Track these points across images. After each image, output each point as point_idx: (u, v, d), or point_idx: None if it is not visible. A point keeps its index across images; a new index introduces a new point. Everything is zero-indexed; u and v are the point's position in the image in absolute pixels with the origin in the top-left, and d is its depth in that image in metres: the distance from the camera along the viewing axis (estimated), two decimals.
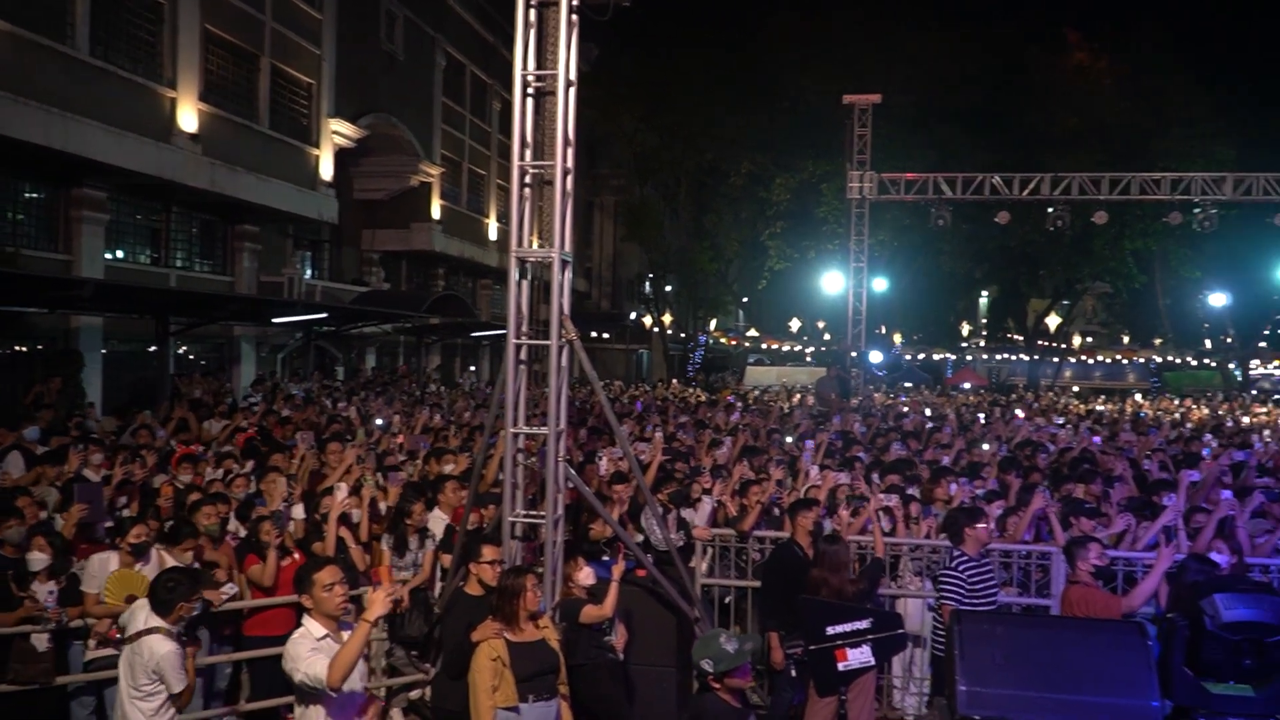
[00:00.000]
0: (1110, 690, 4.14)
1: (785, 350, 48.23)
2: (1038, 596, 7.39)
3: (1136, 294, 40.84)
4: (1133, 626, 4.43)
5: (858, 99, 24.91)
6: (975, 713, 4.11)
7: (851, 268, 25.56)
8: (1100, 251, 33.40)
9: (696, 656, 4.52)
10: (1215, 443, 13.61)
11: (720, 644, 4.46)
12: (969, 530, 6.36)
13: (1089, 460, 11.06)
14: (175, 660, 4.67)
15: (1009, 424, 16.54)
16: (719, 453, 10.88)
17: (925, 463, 10.58)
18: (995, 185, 24.22)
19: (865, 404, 21.27)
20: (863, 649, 3.61)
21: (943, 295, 45.17)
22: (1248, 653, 4.15)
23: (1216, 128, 31.59)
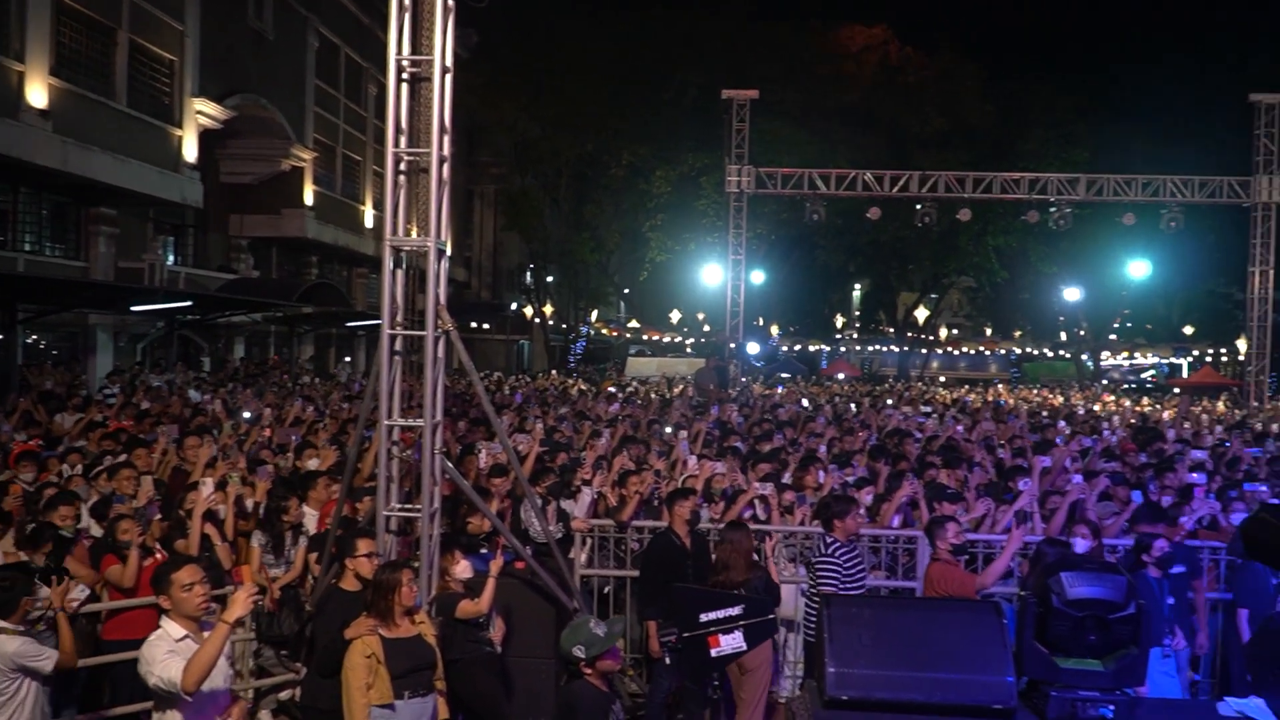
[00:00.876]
0: (969, 667, 4.33)
1: (666, 341, 48.74)
2: (905, 579, 7.67)
3: (998, 288, 42.76)
4: (989, 606, 4.64)
5: (736, 94, 25.32)
6: (843, 693, 4.23)
7: (730, 260, 26.00)
8: (965, 247, 34.83)
9: (567, 645, 4.55)
10: (1068, 429, 14.39)
11: (590, 629, 4.51)
12: (838, 522, 6.54)
13: (953, 448, 11.53)
14: (29, 646, 4.45)
15: (880, 413, 17.09)
16: (599, 444, 10.91)
17: (799, 451, 10.84)
18: (867, 182, 25.01)
19: (743, 395, 21.66)
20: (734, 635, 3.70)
21: (818, 288, 46.45)
22: (1092, 629, 4.38)
23: (1073, 132, 33.36)
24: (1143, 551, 6.52)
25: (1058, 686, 4.39)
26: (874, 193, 25.17)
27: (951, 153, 31.40)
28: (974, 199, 25.28)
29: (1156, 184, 24.66)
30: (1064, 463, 10.27)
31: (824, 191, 25.16)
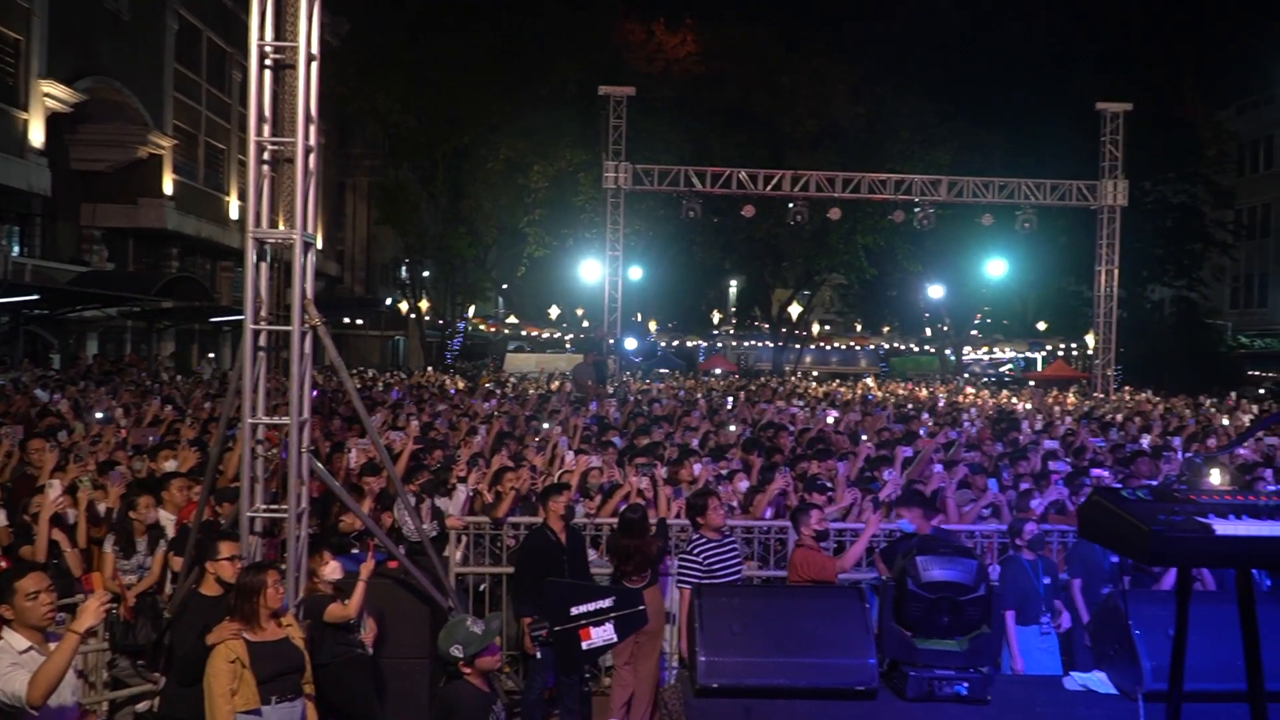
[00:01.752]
0: (833, 650, 4.49)
1: (545, 337, 48.54)
2: (776, 569, 7.87)
3: (868, 286, 44.14)
4: (853, 592, 4.83)
5: (613, 90, 25.42)
6: (713, 681, 4.33)
7: (608, 256, 26.08)
8: (836, 245, 35.80)
9: (444, 644, 4.50)
10: (931, 422, 15.00)
11: (468, 627, 4.48)
12: (701, 519, 6.65)
13: (823, 440, 11.87)
14: None
15: (754, 407, 17.45)
16: (475, 440, 10.80)
17: (675, 445, 10.98)
18: (742, 180, 25.46)
19: (621, 390, 21.79)
20: (605, 627, 3.73)
21: (695, 284, 47.05)
22: (945, 610, 4.61)
23: (936, 135, 34.69)
24: (1015, 535, 6.86)
25: (916, 666, 4.59)
26: (748, 191, 25.66)
27: (823, 153, 32.25)
28: (843, 198, 26.06)
29: (1012, 187, 25.90)
30: (929, 453, 10.70)
31: (700, 189, 25.51)
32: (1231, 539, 2.38)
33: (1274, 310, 44.51)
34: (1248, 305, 46.91)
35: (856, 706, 4.45)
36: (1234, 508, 2.51)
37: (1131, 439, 13.57)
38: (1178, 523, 2.40)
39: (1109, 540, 2.63)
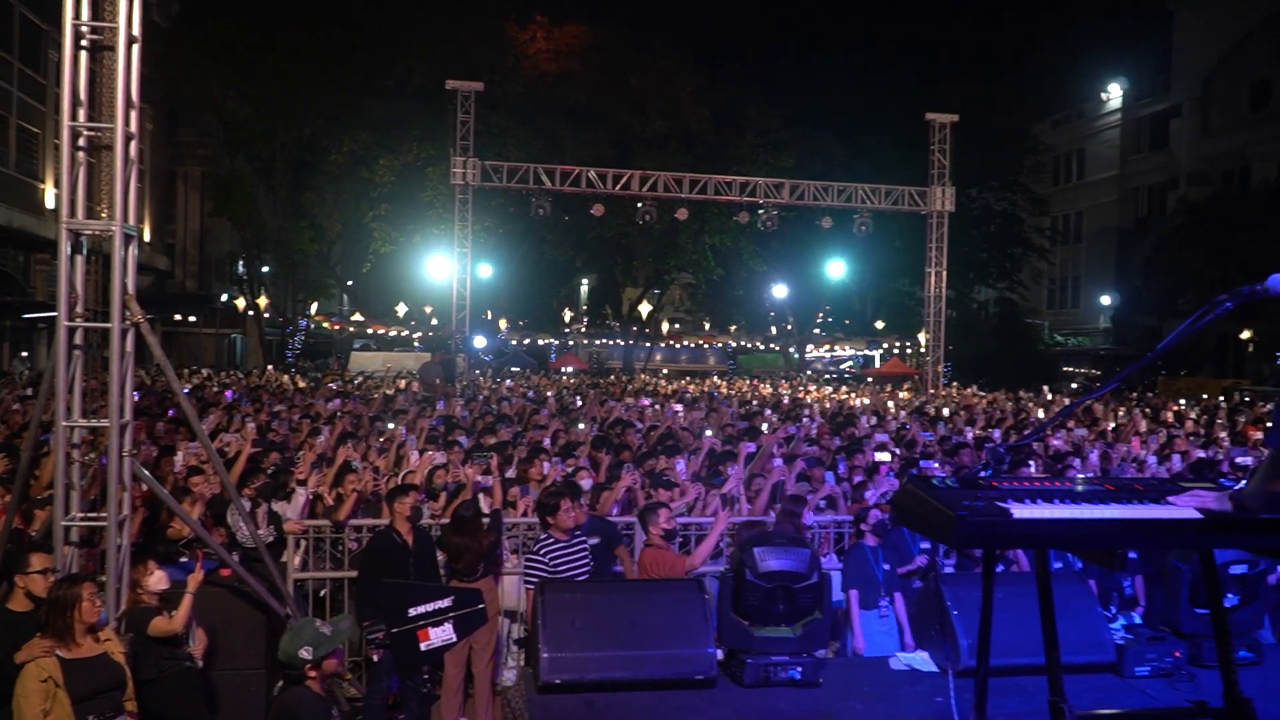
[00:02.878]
0: (673, 642, 4.60)
1: (392, 335, 47.39)
2: None
3: (715, 285, 45.01)
4: (692, 584, 4.96)
5: (461, 85, 25.08)
6: (555, 677, 4.36)
7: (457, 253, 25.73)
8: (684, 245, 36.40)
9: (291, 647, 4.37)
10: (775, 418, 15.47)
11: (316, 629, 4.37)
12: (551, 519, 6.64)
13: (670, 436, 12.08)
14: None
15: (603, 405, 17.58)
16: (318, 441, 10.48)
17: (525, 444, 10.95)
18: (591, 179, 25.58)
19: (470, 388, 21.54)
20: (444, 627, 3.71)
21: (546, 282, 46.90)
22: (781, 599, 4.79)
23: (780, 139, 35.74)
24: (860, 522, 7.16)
25: (753, 654, 4.75)
26: (598, 190, 25.80)
27: (671, 154, 32.72)
28: (690, 199, 26.54)
29: (850, 191, 26.99)
30: (771, 448, 11.04)
31: (549, 187, 25.49)
32: (1027, 521, 2.58)
33: (1086, 311, 48.00)
34: (1063, 306, 50.41)
35: (696, 695, 4.57)
36: (1031, 493, 2.72)
37: (958, 432, 14.38)
38: (980, 508, 2.58)
39: (920, 525, 2.81)
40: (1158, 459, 11.28)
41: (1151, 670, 4.93)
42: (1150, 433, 13.77)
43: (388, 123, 32.77)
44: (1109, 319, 45.06)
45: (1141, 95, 45.74)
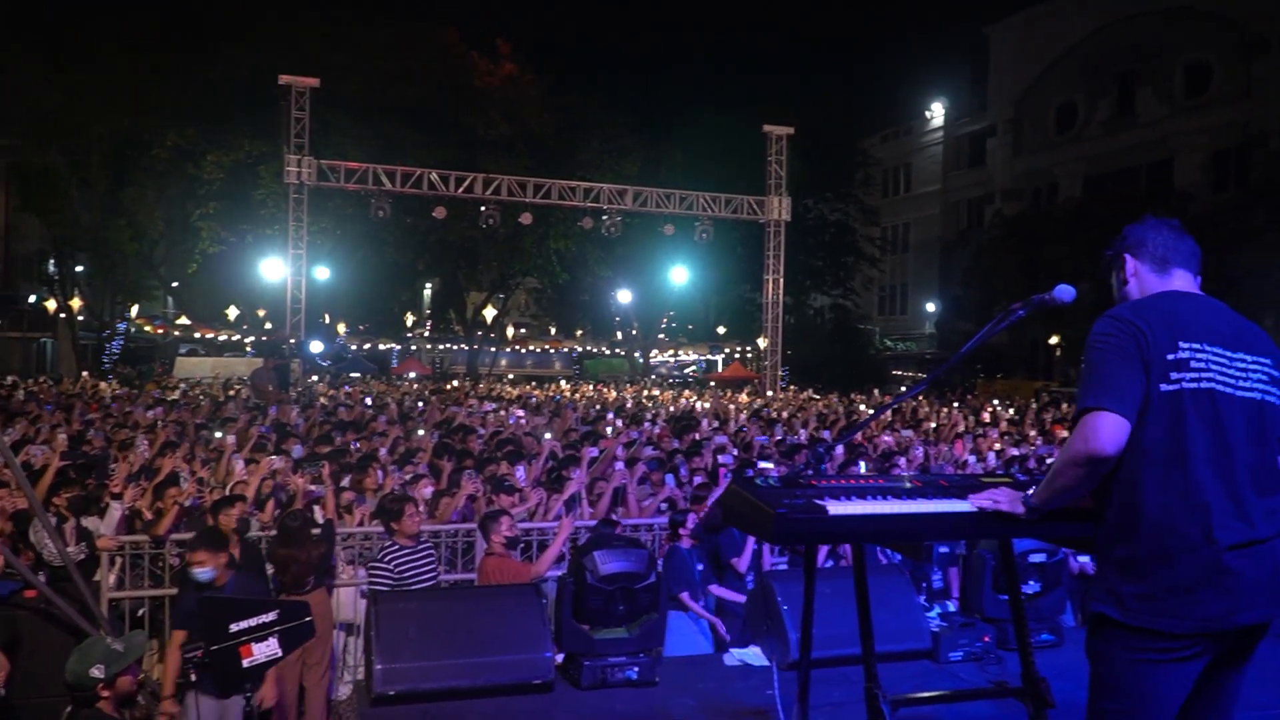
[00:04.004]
0: (511, 648, 4.58)
1: (222, 340, 45.16)
2: (464, 572, 7.87)
3: (561, 290, 45.08)
4: (529, 588, 4.96)
5: (295, 80, 24.23)
6: (389, 689, 4.28)
7: (291, 254, 24.82)
8: (529, 249, 36.28)
9: (81, 666, 4.11)
10: (619, 422, 15.61)
11: (107, 645, 4.13)
12: (395, 524, 6.54)
13: (512, 442, 12.01)
14: None
15: (445, 410, 17.32)
16: (136, 452, 9.91)
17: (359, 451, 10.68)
18: (433, 181, 25.18)
19: (305, 395, 20.81)
20: (269, 642, 3.58)
21: (388, 285, 45.74)
22: (621, 600, 4.86)
23: (624, 146, 36.11)
24: (678, 525, 7.29)
25: (592, 656, 4.79)
26: (440, 192, 25.41)
27: (515, 158, 32.55)
28: (535, 203, 26.49)
29: (691, 199, 27.56)
30: (615, 452, 11.14)
31: (389, 188, 24.93)
32: (843, 518, 2.71)
33: (913, 317, 50.62)
34: (892, 312, 53.01)
35: (534, 700, 4.57)
36: (848, 490, 2.86)
37: (794, 433, 14.89)
38: (799, 505, 2.70)
39: (744, 524, 2.91)
40: (975, 457, 12.01)
41: (963, 655, 5.26)
42: (968, 432, 14.63)
43: (217, 117, 31.23)
44: (934, 325, 47.62)
45: (961, 115, 48.62)
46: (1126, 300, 2.68)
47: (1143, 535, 2.43)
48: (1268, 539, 2.42)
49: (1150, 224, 2.72)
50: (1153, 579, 2.40)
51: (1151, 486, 2.42)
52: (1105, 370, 2.44)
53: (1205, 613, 2.37)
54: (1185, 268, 2.66)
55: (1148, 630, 2.40)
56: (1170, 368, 2.42)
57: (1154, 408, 2.41)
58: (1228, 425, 2.43)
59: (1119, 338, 2.45)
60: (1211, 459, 2.40)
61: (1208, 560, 2.36)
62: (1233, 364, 2.48)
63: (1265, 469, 2.48)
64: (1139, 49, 37.56)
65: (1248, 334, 2.57)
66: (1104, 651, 2.51)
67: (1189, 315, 2.51)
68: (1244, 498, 2.41)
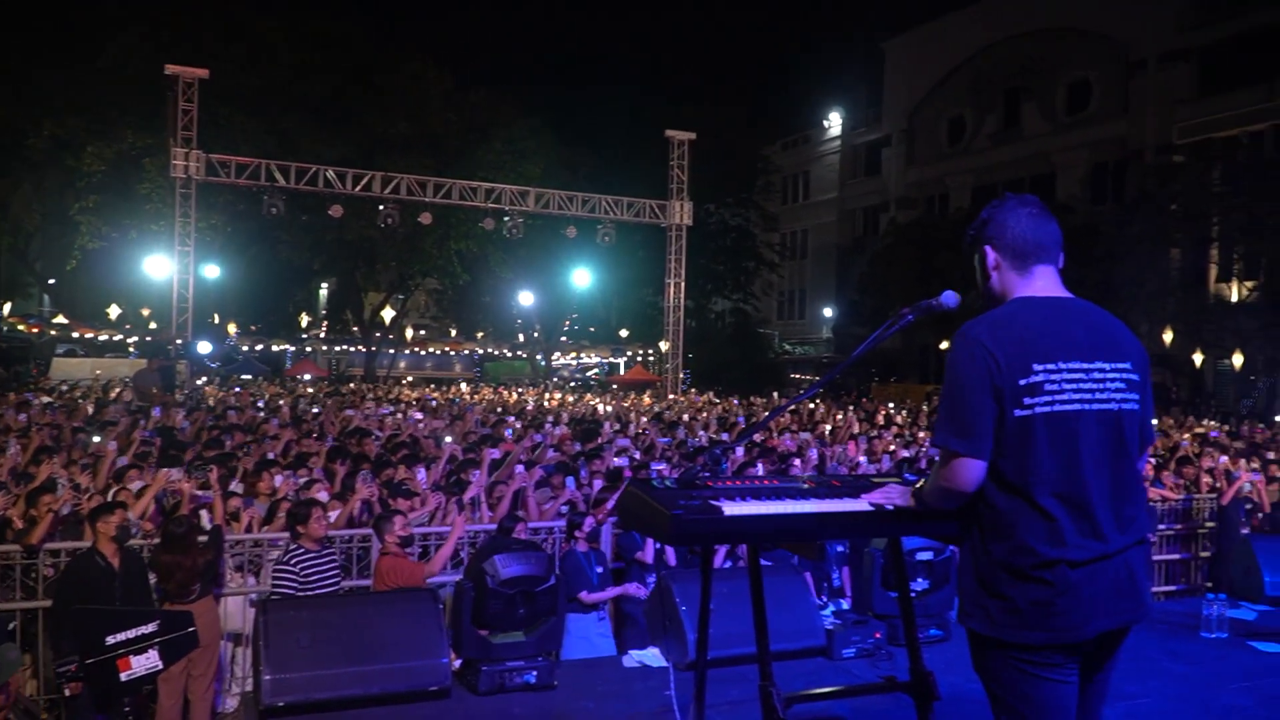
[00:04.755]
0: (407, 654, 4.50)
1: (103, 340, 43.19)
2: (360, 578, 7.71)
3: (462, 291, 44.52)
4: (426, 594, 4.88)
5: (183, 70, 23.35)
6: (279, 699, 4.15)
7: (178, 251, 23.90)
8: (429, 250, 35.73)
9: None
10: (519, 424, 15.49)
11: None
12: (301, 528, 6.40)
13: (410, 445, 11.82)
14: None
15: (341, 413, 16.93)
16: (7, 456, 9.41)
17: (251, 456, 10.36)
18: (330, 178, 24.58)
19: (192, 397, 20.08)
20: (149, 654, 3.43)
21: (282, 285, 44.53)
22: (521, 603, 4.83)
23: (526, 148, 35.87)
24: (574, 529, 7.28)
25: (490, 661, 4.74)
26: (336, 190, 24.82)
27: (416, 157, 32.00)
28: (435, 203, 26.11)
29: (594, 202, 27.55)
30: (517, 455, 11.06)
31: (283, 185, 24.23)
32: (737, 518, 2.75)
33: (811, 322, 51.68)
34: (791, 317, 54.01)
35: (430, 707, 4.50)
36: (743, 491, 2.90)
37: (694, 435, 15.02)
38: (695, 506, 2.72)
39: (641, 526, 2.92)
40: (869, 458, 12.31)
41: (856, 652, 5.39)
42: (862, 434, 14.99)
43: (99, 106, 29.87)
44: (830, 329, 48.69)
45: (858, 125, 49.89)
46: (990, 294, 2.70)
47: (1001, 554, 2.49)
48: (1121, 550, 2.51)
49: (1010, 207, 2.68)
50: (1012, 595, 2.47)
51: (1007, 508, 2.49)
52: (960, 404, 2.48)
53: (1062, 624, 2.44)
54: (1047, 262, 2.65)
55: (1015, 644, 2.48)
56: (1023, 393, 2.45)
57: (1008, 433, 2.46)
58: (1083, 443, 2.48)
59: (972, 365, 2.47)
60: (1064, 480, 2.46)
61: (1059, 578, 2.44)
62: (1090, 376, 2.51)
63: (1125, 478, 2.56)
64: (1025, 66, 39.17)
65: (1107, 338, 2.59)
66: (989, 667, 2.58)
67: (1046, 329, 2.53)
68: (1096, 514, 2.48)
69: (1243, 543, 7.24)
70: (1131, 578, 2.54)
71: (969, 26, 41.61)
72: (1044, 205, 2.71)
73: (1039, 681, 2.49)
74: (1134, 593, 2.55)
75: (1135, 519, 2.56)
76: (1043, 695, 2.50)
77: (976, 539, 2.57)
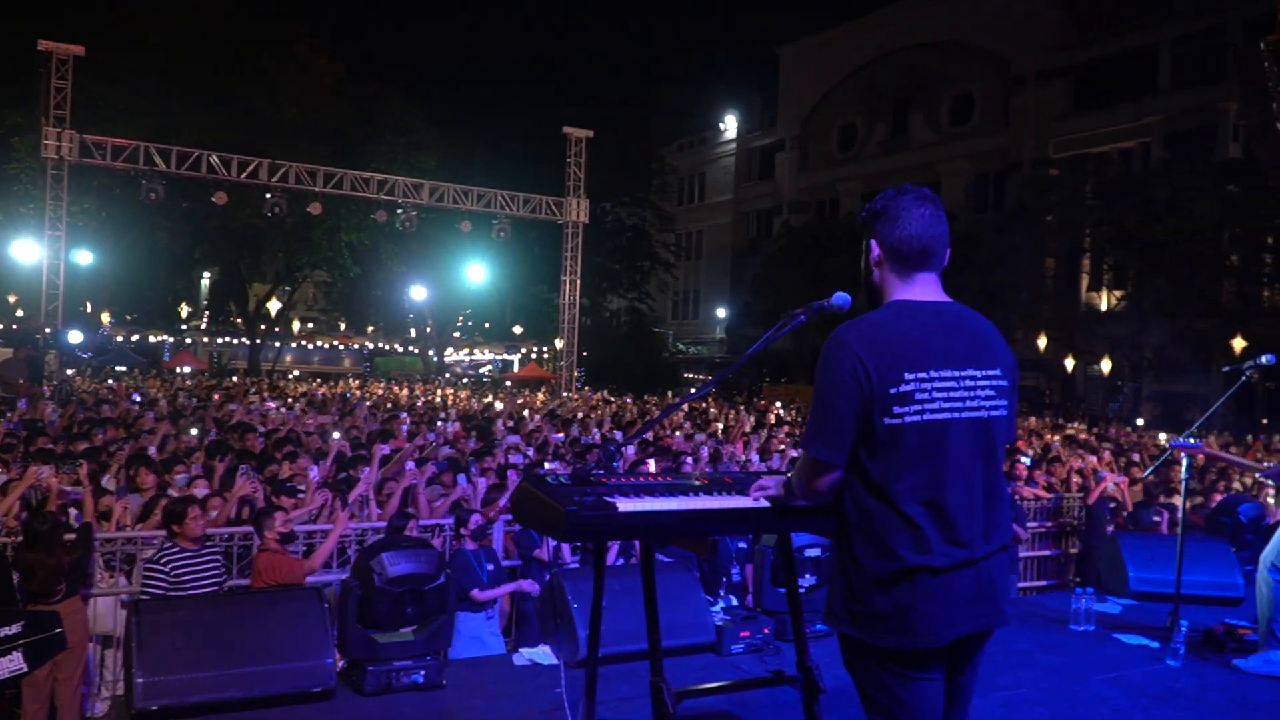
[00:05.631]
0: (289, 655, 4.37)
1: None
2: (240, 578, 7.45)
3: (352, 284, 43.51)
4: (310, 592, 4.75)
5: (56, 46, 22.16)
6: (152, 703, 3.98)
7: (48, 236, 22.66)
8: (319, 241, 34.82)
9: None
10: (410, 421, 15.22)
11: None
12: (177, 526, 6.14)
13: (295, 440, 11.49)
14: None
15: (222, 409, 16.37)
16: None
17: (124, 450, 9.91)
18: (213, 164, 23.67)
19: (61, 389, 19.10)
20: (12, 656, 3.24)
21: (160, 273, 42.71)
22: (409, 602, 4.74)
23: (421, 140, 35.26)
24: (461, 526, 7.19)
25: (376, 661, 4.64)
26: (220, 176, 23.92)
27: (306, 145, 31.09)
28: (325, 193, 25.40)
29: (490, 196, 27.24)
30: (408, 451, 10.85)
31: (163, 169, 23.22)
32: (631, 514, 2.76)
33: (705, 322, 52.26)
34: (685, 317, 54.51)
35: (313, 709, 4.38)
36: (637, 488, 2.91)
37: (587, 433, 15.03)
38: (589, 503, 2.72)
39: (535, 522, 2.91)
40: (760, 456, 12.52)
41: (745, 647, 5.47)
42: (754, 433, 15.24)
43: None
44: (724, 329, 49.34)
45: (753, 129, 50.71)
46: (869, 285, 2.73)
47: (867, 559, 2.54)
48: (985, 556, 2.58)
49: (905, 204, 2.66)
50: (879, 600, 2.51)
51: (874, 514, 2.53)
52: (825, 411, 2.51)
53: (922, 629, 2.50)
54: (930, 269, 2.67)
55: (882, 648, 2.53)
56: (894, 402, 2.47)
57: (877, 441, 2.49)
58: (951, 451, 2.52)
59: (842, 374, 2.48)
60: (930, 487, 2.51)
61: (920, 583, 2.49)
62: (961, 385, 2.54)
63: (992, 486, 2.62)
64: (913, 78, 40.46)
65: (980, 345, 2.63)
66: (858, 668, 2.63)
67: (920, 337, 2.55)
68: (960, 522, 2.53)
69: (1109, 540, 7.60)
70: (992, 583, 2.60)
71: (861, 36, 42.73)
72: (939, 204, 2.72)
73: (906, 682, 2.55)
74: (994, 598, 2.60)
75: (999, 526, 2.63)
76: (911, 695, 2.55)
77: (845, 543, 2.61)
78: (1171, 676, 5.34)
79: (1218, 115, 29.63)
